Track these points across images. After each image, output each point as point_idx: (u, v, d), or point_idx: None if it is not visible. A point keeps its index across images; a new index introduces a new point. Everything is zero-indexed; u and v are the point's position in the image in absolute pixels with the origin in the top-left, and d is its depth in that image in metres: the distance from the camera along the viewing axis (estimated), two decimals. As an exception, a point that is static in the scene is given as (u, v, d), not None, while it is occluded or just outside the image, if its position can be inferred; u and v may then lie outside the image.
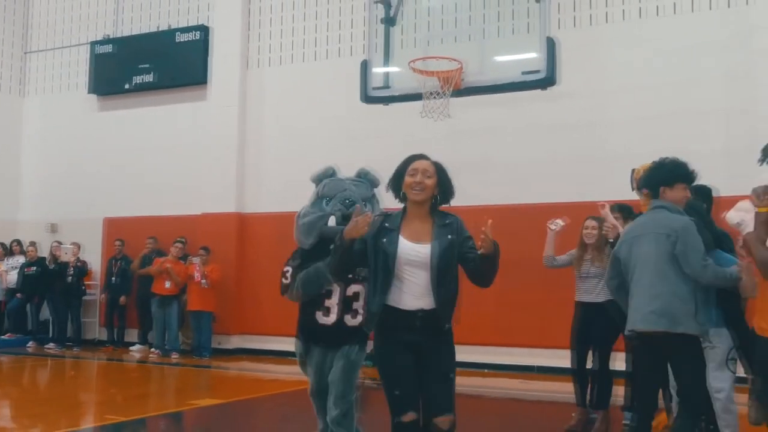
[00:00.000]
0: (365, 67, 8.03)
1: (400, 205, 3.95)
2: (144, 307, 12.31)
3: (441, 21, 8.86)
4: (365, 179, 4.56)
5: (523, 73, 7.31)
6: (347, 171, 4.60)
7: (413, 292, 3.82)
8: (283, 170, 11.82)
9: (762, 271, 4.07)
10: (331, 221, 4.28)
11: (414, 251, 3.83)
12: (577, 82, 9.29)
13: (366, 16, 8.73)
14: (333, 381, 4.32)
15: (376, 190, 4.57)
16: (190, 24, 13.08)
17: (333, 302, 4.29)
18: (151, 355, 11.94)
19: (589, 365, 6.47)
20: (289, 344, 4.85)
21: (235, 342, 12.22)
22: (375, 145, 9.87)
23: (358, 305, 4.30)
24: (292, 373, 8.70)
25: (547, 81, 7.23)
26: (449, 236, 3.85)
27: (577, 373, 6.52)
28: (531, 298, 9.72)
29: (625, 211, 6.20)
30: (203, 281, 11.55)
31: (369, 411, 4.94)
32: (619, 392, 6.42)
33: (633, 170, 5.88)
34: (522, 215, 9.63)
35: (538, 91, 7.48)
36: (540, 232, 6.80)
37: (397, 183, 3.94)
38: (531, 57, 7.25)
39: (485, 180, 9.87)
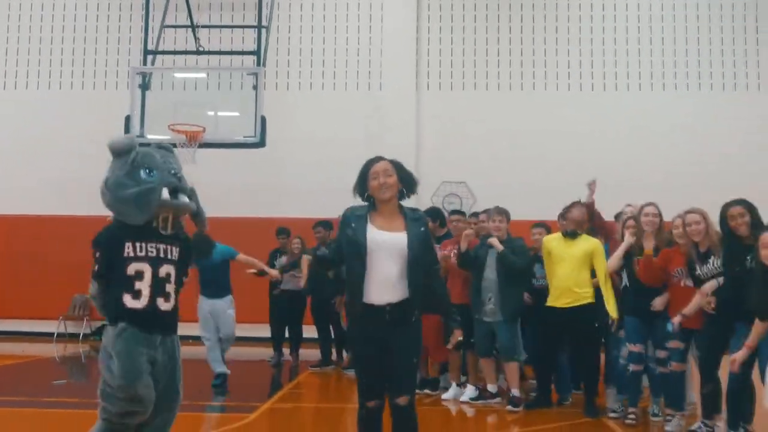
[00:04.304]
0: (128, 120, 11.07)
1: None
2: None
3: (188, 91, 12.07)
4: (172, 151, 4.18)
5: (244, 136, 11.02)
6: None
7: (383, 283, 4.05)
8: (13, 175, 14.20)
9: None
10: (164, 193, 3.91)
11: (388, 238, 4.10)
12: (274, 131, 13.03)
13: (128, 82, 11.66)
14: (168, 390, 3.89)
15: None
16: None
17: (144, 284, 3.86)
18: None
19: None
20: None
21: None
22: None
23: (171, 288, 3.94)
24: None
25: (260, 144, 10.99)
26: (422, 228, 4.22)
27: None
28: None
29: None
30: None
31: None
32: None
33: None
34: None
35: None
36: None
37: (362, 186, 4.26)
38: (250, 127, 10.95)
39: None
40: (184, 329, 4.24)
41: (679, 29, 14.32)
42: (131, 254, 3.86)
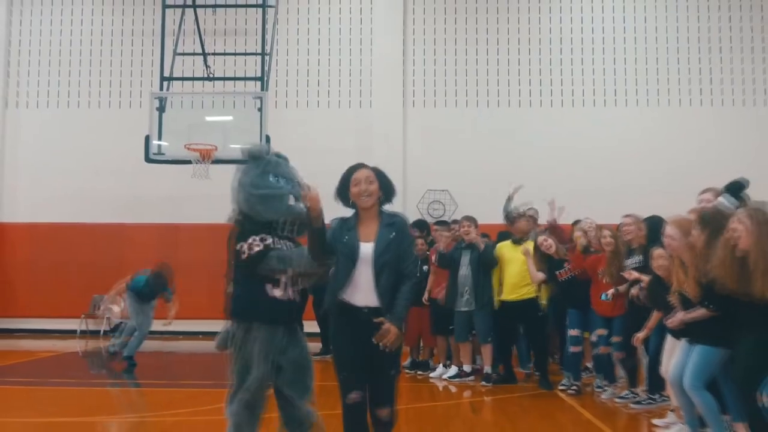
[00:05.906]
0: (147, 140, 12.47)
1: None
2: None
3: (200, 112, 13.51)
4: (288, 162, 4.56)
5: (250, 155, 12.43)
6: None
7: (362, 288, 4.13)
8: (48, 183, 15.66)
9: None
10: (291, 200, 4.28)
11: (367, 248, 4.16)
12: (274, 144, 14.29)
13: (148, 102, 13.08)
14: (296, 374, 4.35)
15: None
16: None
17: (286, 276, 4.23)
18: None
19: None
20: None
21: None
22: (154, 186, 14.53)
23: (297, 281, 4.38)
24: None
25: (264, 161, 12.44)
26: (391, 234, 4.16)
27: None
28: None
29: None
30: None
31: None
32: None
33: None
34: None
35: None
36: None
37: (343, 192, 4.30)
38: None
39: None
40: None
41: (640, 50, 15.82)
42: (271, 245, 4.29)
